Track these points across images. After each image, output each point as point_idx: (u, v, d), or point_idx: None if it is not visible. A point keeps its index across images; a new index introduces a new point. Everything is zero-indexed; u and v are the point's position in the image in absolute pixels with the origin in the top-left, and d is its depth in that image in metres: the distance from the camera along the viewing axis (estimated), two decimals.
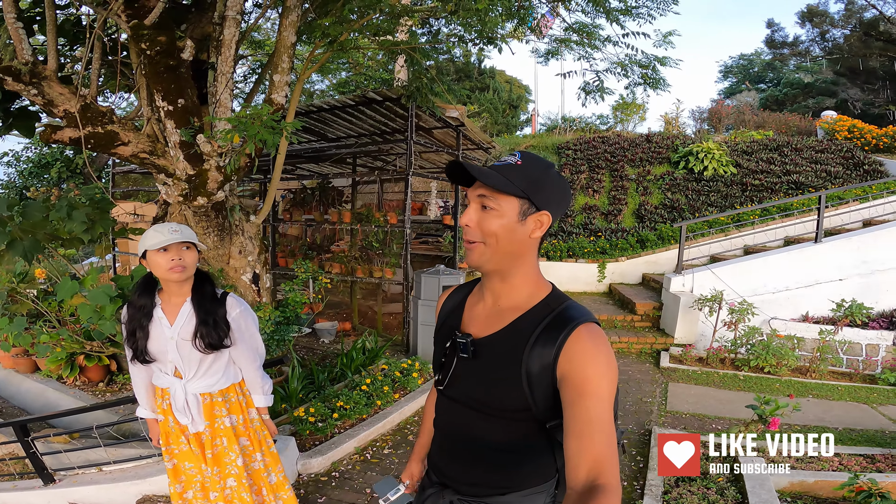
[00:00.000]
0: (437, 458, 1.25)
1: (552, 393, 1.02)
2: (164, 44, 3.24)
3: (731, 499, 3.03)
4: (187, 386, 2.10)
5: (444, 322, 1.26)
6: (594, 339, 1.01)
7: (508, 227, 1.06)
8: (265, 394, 2.24)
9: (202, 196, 3.81)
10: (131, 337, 2.06)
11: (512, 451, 1.10)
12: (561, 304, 1.09)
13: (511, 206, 1.05)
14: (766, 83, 24.19)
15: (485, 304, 1.17)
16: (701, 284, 7.60)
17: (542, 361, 1.02)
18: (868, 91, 16.56)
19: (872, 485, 2.86)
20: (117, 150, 3.97)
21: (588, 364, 0.98)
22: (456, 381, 1.15)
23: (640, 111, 14.01)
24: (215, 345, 2.04)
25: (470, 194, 1.10)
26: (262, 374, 2.23)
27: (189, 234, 2.02)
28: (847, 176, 10.18)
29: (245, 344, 2.15)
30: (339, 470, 3.36)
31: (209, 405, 2.12)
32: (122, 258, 10.44)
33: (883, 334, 6.90)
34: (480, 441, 1.12)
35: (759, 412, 3.63)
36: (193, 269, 2.06)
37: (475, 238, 1.08)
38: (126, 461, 3.39)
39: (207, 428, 2.14)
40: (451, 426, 1.19)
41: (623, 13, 4.59)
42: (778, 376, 6.26)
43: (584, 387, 0.96)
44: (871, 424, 4.74)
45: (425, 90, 4.53)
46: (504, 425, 1.09)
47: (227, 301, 2.12)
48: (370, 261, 6.51)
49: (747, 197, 10.11)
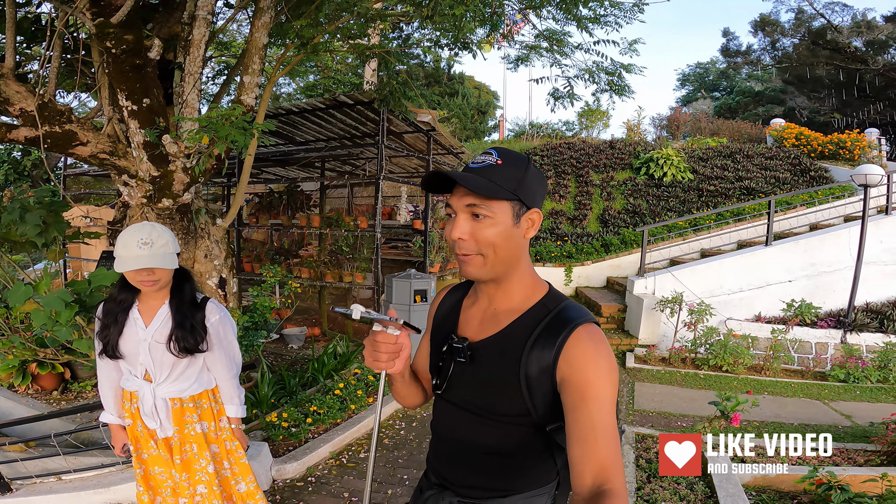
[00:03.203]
0: (435, 461, 1.23)
1: (552, 396, 1.00)
2: (130, 42, 3.14)
3: (700, 493, 3.15)
4: (157, 390, 2.03)
5: (440, 325, 1.22)
6: (594, 341, 0.98)
7: (505, 233, 1.01)
8: (239, 404, 2.18)
9: (167, 198, 3.70)
10: (104, 330, 1.99)
11: (511, 454, 1.08)
12: (558, 304, 1.06)
13: (504, 210, 1.00)
14: (720, 91, 25.30)
15: (480, 307, 1.14)
16: (662, 287, 7.87)
17: (541, 364, 0.99)
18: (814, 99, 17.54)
19: (832, 477, 3.02)
20: (75, 150, 3.82)
21: (589, 367, 0.95)
22: (454, 386, 1.12)
23: (604, 118, 14.44)
24: (190, 349, 1.98)
25: (456, 203, 1.02)
26: (236, 385, 2.17)
27: (159, 249, 1.89)
28: (795, 182, 10.73)
29: (222, 351, 2.09)
30: (315, 475, 3.31)
31: (179, 410, 2.06)
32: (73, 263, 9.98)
33: (831, 333, 7.31)
34: (480, 445, 1.10)
35: (722, 408, 3.79)
36: (170, 276, 1.98)
37: (470, 251, 1.02)
38: (87, 470, 3.26)
39: (176, 433, 2.08)
40: (449, 430, 1.17)
41: (592, 21, 4.73)
42: (735, 374, 6.54)
43: (586, 390, 0.93)
44: (824, 420, 5.01)
45: (398, 94, 4.53)
46: (503, 429, 1.07)
47: (206, 306, 2.06)
48: (340, 265, 6.45)
49: (703, 202, 10.53)
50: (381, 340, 1.10)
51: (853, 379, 6.39)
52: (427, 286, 5.87)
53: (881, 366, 6.48)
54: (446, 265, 7.85)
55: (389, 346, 1.10)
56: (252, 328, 4.69)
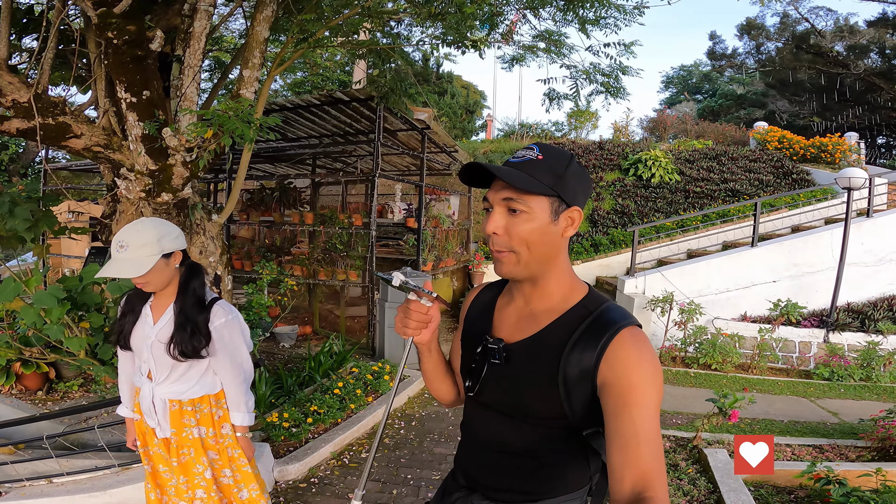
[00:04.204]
0: (465, 463, 1.20)
1: (591, 400, 0.97)
2: (132, 33, 3.06)
3: (703, 489, 3.20)
4: (156, 389, 1.98)
5: (472, 325, 1.19)
6: (638, 344, 0.95)
7: (541, 230, 0.98)
8: (247, 412, 2.06)
9: (167, 192, 3.62)
10: (121, 319, 1.98)
11: (544, 457, 1.06)
12: (600, 305, 1.03)
13: (542, 206, 0.98)
14: (703, 94, 25.72)
15: (516, 307, 1.12)
16: (652, 286, 7.98)
17: (581, 367, 0.97)
18: (795, 103, 17.93)
19: (830, 472, 3.09)
20: (69, 142, 3.71)
21: (633, 371, 0.92)
22: (487, 387, 1.10)
23: (592, 119, 14.56)
24: (188, 354, 1.89)
25: (492, 197, 1.01)
26: (245, 391, 2.04)
27: (134, 253, 1.77)
28: (777, 184, 10.96)
29: (227, 357, 1.98)
30: (318, 476, 3.27)
31: (177, 412, 2.00)
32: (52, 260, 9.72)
33: (814, 332, 7.49)
34: (512, 448, 1.08)
35: (720, 405, 3.84)
36: (164, 278, 1.87)
37: (504, 247, 1.00)
38: (80, 472, 3.18)
39: (174, 436, 2.02)
40: (481, 432, 1.15)
41: (592, 23, 4.76)
42: (724, 373, 6.66)
43: (629, 396, 0.90)
44: (812, 417, 5.12)
45: (399, 91, 4.50)
46: (538, 432, 1.05)
47: (213, 307, 1.97)
48: (333, 263, 6.39)
49: (690, 203, 10.69)
50: (413, 309, 1.11)
51: (837, 377, 6.56)
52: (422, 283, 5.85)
53: (863, 364, 6.66)
54: (438, 263, 7.84)
55: (420, 315, 1.11)
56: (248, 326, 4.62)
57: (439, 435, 4.10)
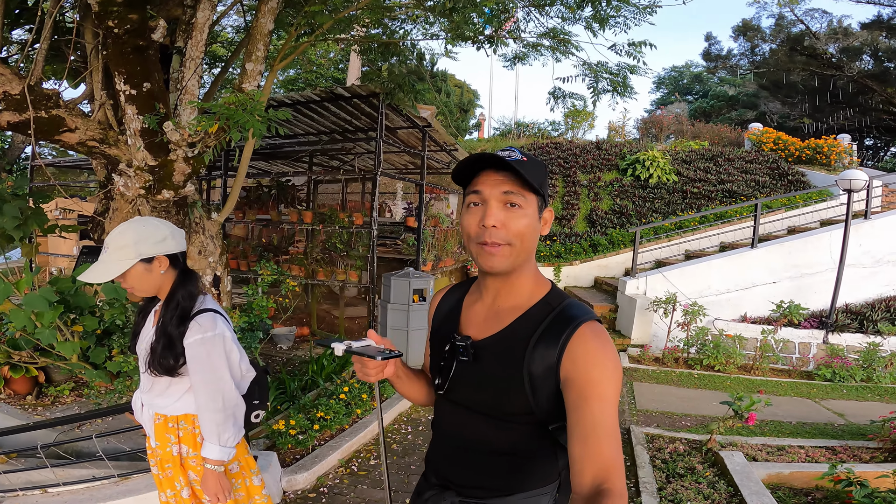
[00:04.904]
0: (437, 461, 1.21)
1: (555, 395, 1.00)
2: (135, 22, 2.91)
3: (724, 492, 3.13)
4: (144, 398, 1.88)
5: (441, 325, 1.22)
6: (598, 339, 0.98)
7: (532, 225, 1.03)
8: (220, 445, 1.75)
9: (168, 189, 3.47)
10: (136, 318, 1.90)
11: (514, 453, 1.08)
12: (561, 301, 1.06)
13: (533, 204, 1.03)
14: (693, 95, 25.88)
15: (483, 304, 1.14)
16: (653, 287, 7.93)
17: (545, 363, 0.99)
18: (787, 104, 18.05)
19: (850, 474, 3.03)
20: (63, 136, 3.55)
21: (592, 365, 0.95)
22: (456, 385, 1.11)
23: (589, 119, 14.53)
24: (157, 369, 1.74)
25: (489, 191, 1.02)
26: (221, 421, 1.75)
27: (111, 255, 1.66)
28: (773, 185, 11.00)
29: (200, 379, 1.73)
30: (327, 485, 3.15)
31: (161, 426, 1.86)
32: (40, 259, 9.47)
33: (814, 333, 7.49)
34: (483, 444, 1.10)
35: (736, 408, 3.77)
36: (149, 284, 1.73)
37: (503, 240, 1.01)
38: (77, 483, 3.03)
39: (158, 448, 1.89)
40: (452, 429, 1.17)
41: (601, 22, 4.67)
42: (727, 374, 6.62)
43: (589, 389, 0.93)
44: (818, 418, 5.08)
45: (407, 87, 4.38)
46: (506, 428, 1.07)
47: (193, 320, 1.74)
48: (333, 263, 6.25)
49: (687, 204, 10.68)
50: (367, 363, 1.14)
51: (839, 378, 6.55)
52: (426, 285, 5.74)
53: (865, 365, 6.66)
54: (438, 263, 7.73)
55: (376, 365, 1.14)
56: (248, 329, 4.48)
57: None
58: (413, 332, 5.61)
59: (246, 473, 2.03)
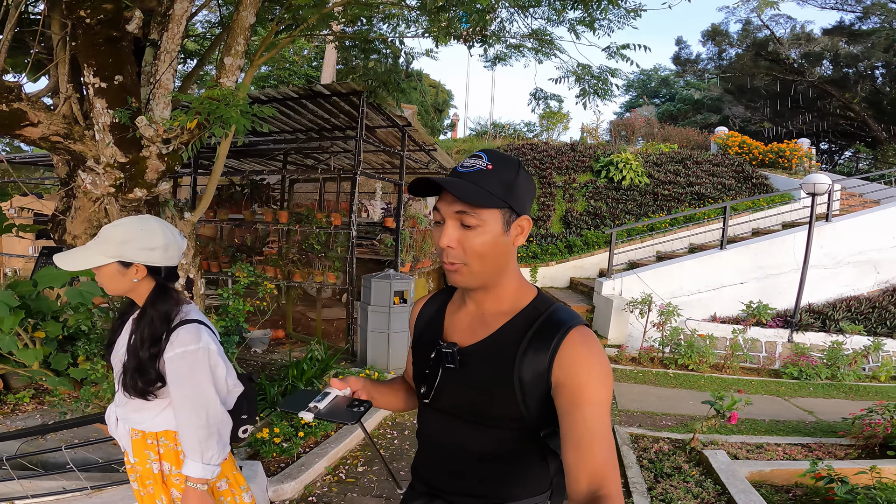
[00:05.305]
0: (424, 470, 1.18)
1: (545, 400, 0.99)
2: (109, 12, 2.73)
3: (712, 491, 3.16)
4: (119, 411, 1.74)
5: (423, 332, 1.20)
6: (588, 344, 0.98)
7: (494, 242, 0.98)
8: (203, 462, 1.62)
9: (141, 188, 3.29)
10: (112, 329, 1.77)
11: (504, 460, 1.06)
12: (549, 307, 1.06)
13: (494, 218, 0.97)
14: (661, 98, 26.49)
15: (468, 311, 1.12)
16: (628, 288, 8.05)
17: (536, 369, 0.98)
18: (750, 109, 18.68)
19: (831, 471, 3.11)
20: (24, 131, 3.33)
21: (583, 370, 0.94)
22: (443, 393, 1.09)
23: (564, 121, 14.69)
24: (129, 391, 1.61)
25: (444, 210, 0.99)
26: (203, 438, 1.62)
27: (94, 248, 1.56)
28: (738, 188, 11.33)
29: (181, 394, 1.60)
30: (315, 493, 3.04)
31: (139, 442, 1.73)
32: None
33: (780, 332, 7.74)
34: (471, 452, 1.08)
35: (718, 407, 3.84)
36: (118, 287, 1.61)
37: (459, 260, 0.99)
38: (47, 495, 2.85)
39: (137, 465, 1.77)
40: (439, 438, 1.14)
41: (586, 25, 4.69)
42: (700, 373, 6.77)
43: (581, 394, 0.92)
44: (790, 416, 5.23)
45: (392, 86, 4.29)
46: (496, 434, 1.05)
47: (173, 334, 1.61)
48: (310, 264, 6.10)
49: (658, 206, 10.90)
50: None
51: (805, 376, 6.79)
52: (407, 286, 5.65)
53: (829, 363, 6.91)
54: (416, 265, 7.65)
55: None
56: (224, 333, 4.31)
57: None
58: (394, 334, 5.52)
59: (235, 490, 1.91)
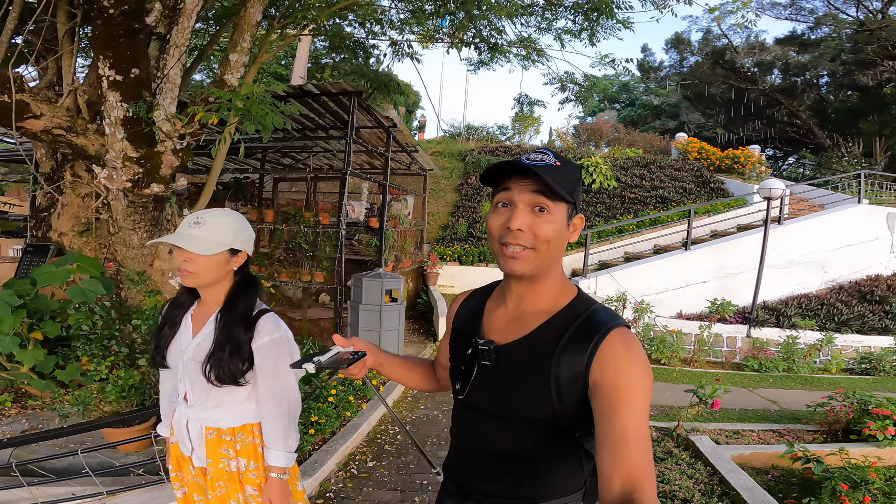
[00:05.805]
0: (456, 469, 1.19)
1: (582, 401, 0.97)
2: (132, 3, 2.70)
3: (703, 472, 3.43)
4: (190, 413, 1.73)
5: (461, 329, 1.21)
6: (628, 345, 0.96)
7: (560, 231, 1.02)
8: (287, 450, 1.71)
9: (158, 183, 3.26)
10: (158, 331, 1.73)
11: (537, 460, 1.05)
12: (589, 307, 1.05)
13: (562, 210, 1.02)
14: (620, 103, 27.44)
15: (506, 309, 1.12)
16: (602, 287, 8.40)
17: (573, 369, 0.97)
18: (706, 115, 19.65)
19: (807, 452, 3.42)
20: (26, 123, 3.25)
21: (622, 372, 0.93)
22: (477, 390, 1.10)
23: (535, 124, 15.04)
24: (223, 378, 1.64)
25: (518, 196, 1.01)
26: (285, 426, 1.71)
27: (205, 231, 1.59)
28: (698, 192, 11.94)
29: (267, 384, 1.67)
30: (332, 490, 3.09)
31: (214, 441, 1.74)
32: None
33: (739, 328, 8.26)
34: (504, 451, 1.07)
35: (701, 395, 4.13)
36: (216, 274, 1.65)
37: (528, 243, 1.00)
38: (60, 501, 2.78)
39: (210, 466, 1.76)
40: (472, 436, 1.14)
41: (573, 35, 4.92)
42: (672, 367, 7.16)
43: (619, 396, 0.91)
44: (756, 405, 5.63)
45: (391, 87, 4.37)
46: (529, 434, 1.04)
47: (258, 323, 1.66)
48: (298, 264, 6.08)
49: (626, 208, 11.37)
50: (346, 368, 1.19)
51: (765, 369, 7.29)
52: (397, 285, 5.74)
53: (785, 357, 7.44)
54: (398, 265, 7.72)
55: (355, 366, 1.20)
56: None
57: (437, 438, 4.04)
58: (385, 332, 5.59)
59: (293, 479, 1.97)
